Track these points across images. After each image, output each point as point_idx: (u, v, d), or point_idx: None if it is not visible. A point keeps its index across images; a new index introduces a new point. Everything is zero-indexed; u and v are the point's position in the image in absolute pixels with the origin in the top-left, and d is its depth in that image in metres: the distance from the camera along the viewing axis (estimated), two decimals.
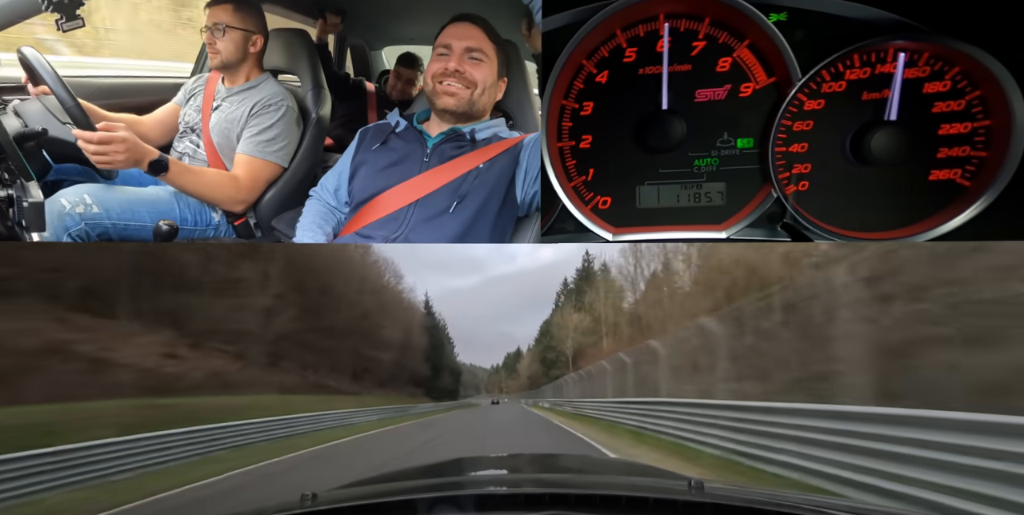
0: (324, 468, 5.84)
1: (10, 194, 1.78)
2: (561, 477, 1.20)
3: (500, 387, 63.04)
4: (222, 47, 2.15)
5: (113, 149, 1.79)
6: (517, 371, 46.44)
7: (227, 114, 2.23)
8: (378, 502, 0.80)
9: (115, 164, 1.82)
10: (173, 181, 2.02)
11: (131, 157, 1.83)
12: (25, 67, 1.92)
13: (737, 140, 1.58)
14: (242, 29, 2.16)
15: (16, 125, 1.89)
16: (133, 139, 1.83)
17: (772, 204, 1.59)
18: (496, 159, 1.78)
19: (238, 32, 2.15)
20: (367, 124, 2.04)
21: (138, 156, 1.85)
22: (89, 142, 1.76)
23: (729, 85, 1.55)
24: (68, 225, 1.90)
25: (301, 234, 1.94)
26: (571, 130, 1.62)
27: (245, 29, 2.16)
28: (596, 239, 1.65)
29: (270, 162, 2.23)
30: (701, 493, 0.80)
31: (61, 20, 1.70)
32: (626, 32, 1.54)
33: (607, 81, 1.58)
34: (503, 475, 1.27)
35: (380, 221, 1.80)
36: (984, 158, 1.48)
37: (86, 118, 1.82)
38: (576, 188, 1.66)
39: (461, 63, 1.78)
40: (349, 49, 3.64)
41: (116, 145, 1.79)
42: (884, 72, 1.47)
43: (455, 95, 1.80)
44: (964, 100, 1.46)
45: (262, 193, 2.29)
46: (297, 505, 0.79)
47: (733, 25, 1.51)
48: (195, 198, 2.15)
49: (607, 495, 0.79)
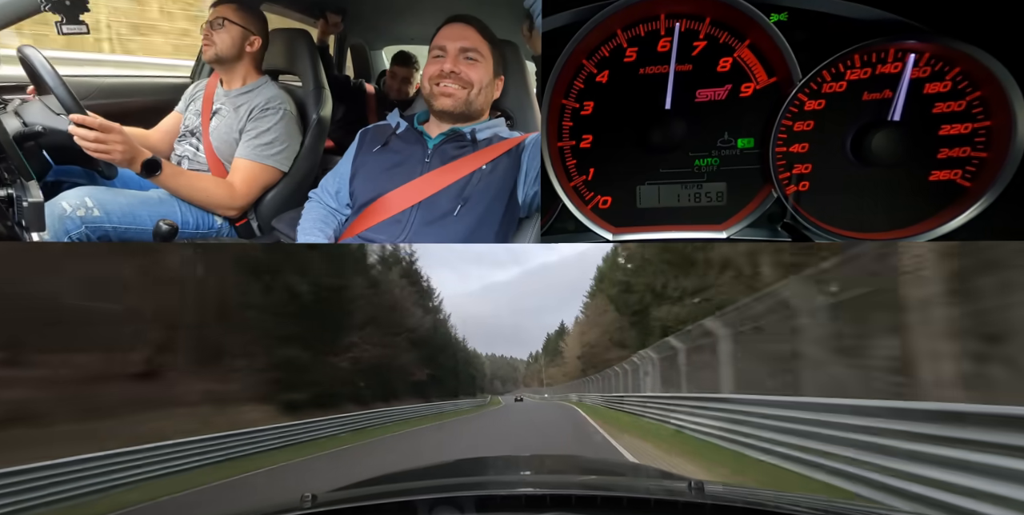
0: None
1: (10, 194, 1.78)
2: (562, 478, 1.20)
3: (541, 379, 56.85)
4: (218, 39, 2.14)
5: (112, 138, 1.79)
6: (562, 360, 41.75)
7: (226, 118, 2.23)
8: (378, 503, 0.80)
9: (113, 156, 1.81)
10: (166, 183, 2.01)
11: (127, 152, 1.83)
12: (25, 66, 1.92)
13: (738, 140, 1.58)
14: (241, 26, 2.15)
15: (16, 125, 1.88)
16: (128, 136, 1.83)
17: (772, 204, 1.59)
18: (498, 160, 1.78)
19: (236, 28, 2.15)
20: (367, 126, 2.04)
21: (133, 153, 1.86)
22: (89, 129, 1.76)
23: (730, 85, 1.55)
24: (68, 228, 1.90)
25: (303, 236, 1.93)
26: (571, 130, 1.62)
27: (244, 27, 2.16)
28: (596, 239, 1.65)
29: (268, 166, 2.22)
30: (702, 494, 0.80)
31: (61, 22, 1.68)
32: (627, 32, 1.54)
33: (608, 81, 1.58)
34: (504, 476, 1.27)
35: (383, 224, 1.79)
36: (984, 159, 1.48)
37: (79, 106, 1.82)
38: (576, 188, 1.66)
39: (456, 64, 1.78)
40: (349, 49, 3.64)
41: (115, 134, 1.79)
42: (885, 72, 1.47)
43: (452, 96, 1.80)
44: (965, 101, 1.46)
45: (262, 195, 2.28)
46: (297, 506, 0.79)
47: (734, 25, 1.50)
48: (189, 202, 2.14)
49: (608, 496, 0.79)
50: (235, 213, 2.24)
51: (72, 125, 1.76)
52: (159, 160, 1.93)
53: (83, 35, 1.74)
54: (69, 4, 1.67)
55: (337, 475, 5.41)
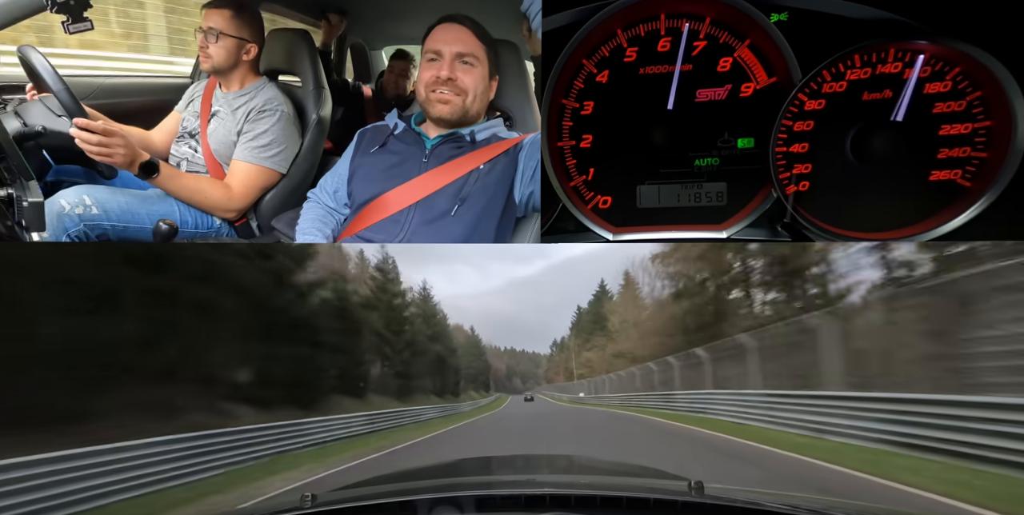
0: None
1: (10, 193, 1.78)
2: (561, 478, 1.20)
3: (566, 372, 51.18)
4: (214, 53, 2.15)
5: (115, 142, 1.80)
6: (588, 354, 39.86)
7: (224, 120, 2.23)
8: (378, 503, 0.80)
9: (115, 159, 1.83)
10: (163, 185, 2.02)
11: (128, 155, 1.85)
12: (25, 66, 1.91)
13: (738, 140, 1.58)
14: (236, 37, 2.15)
15: (16, 124, 1.89)
16: (129, 139, 1.85)
17: (772, 204, 1.59)
18: (496, 160, 1.78)
19: (231, 40, 2.15)
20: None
21: (134, 156, 1.87)
22: (93, 133, 1.76)
23: (730, 85, 1.54)
24: (67, 226, 1.90)
25: (301, 236, 1.93)
26: (571, 129, 1.62)
27: (239, 37, 2.16)
28: (596, 239, 1.65)
29: (266, 168, 2.22)
30: (701, 494, 0.80)
31: (68, 22, 1.69)
32: (627, 32, 1.54)
33: (608, 80, 1.58)
34: (503, 476, 1.27)
35: (381, 223, 1.79)
36: (985, 159, 1.47)
37: (81, 109, 1.82)
38: (576, 188, 1.66)
39: (453, 70, 1.75)
40: (349, 49, 3.65)
41: (117, 138, 1.80)
42: (886, 72, 1.47)
43: (449, 103, 1.78)
44: (965, 101, 1.46)
45: (261, 196, 2.28)
46: (297, 506, 0.79)
47: (734, 25, 1.50)
48: (185, 204, 2.15)
49: (608, 496, 0.79)
50: (233, 215, 2.24)
51: (74, 128, 1.77)
52: (157, 162, 1.94)
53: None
54: (73, 3, 1.67)
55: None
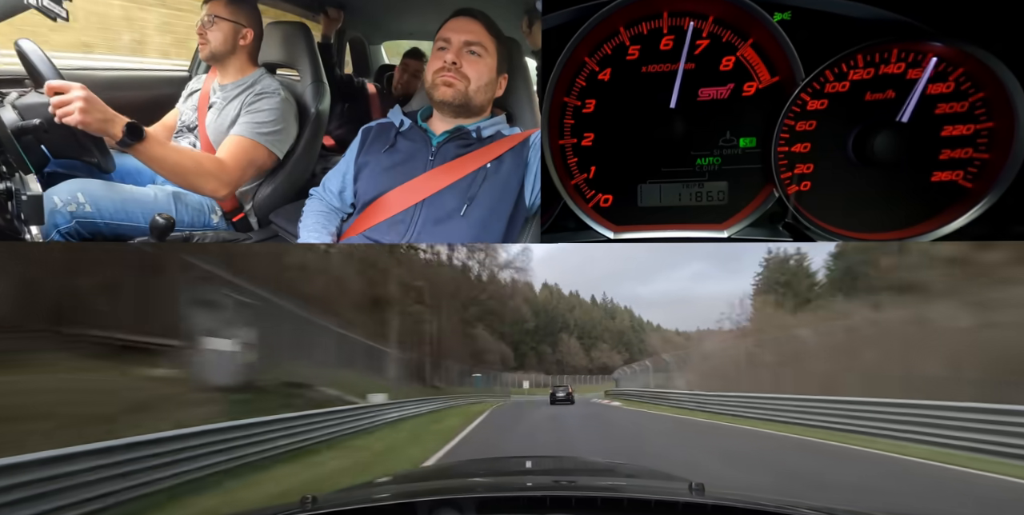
0: None
1: (8, 187, 1.77)
2: (562, 479, 1.20)
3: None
4: (211, 37, 2.14)
5: (71, 97, 1.69)
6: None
7: (222, 112, 2.20)
8: (378, 505, 0.80)
9: (83, 118, 1.71)
10: (151, 152, 1.88)
11: (96, 115, 1.72)
12: (22, 59, 1.90)
13: (739, 139, 1.57)
14: (231, 21, 2.14)
15: (14, 118, 1.87)
16: (93, 97, 1.73)
17: (774, 204, 1.58)
18: (503, 158, 1.77)
19: (227, 23, 2.14)
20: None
21: (106, 116, 1.74)
22: (63, 95, 1.69)
23: (732, 84, 1.54)
24: (58, 223, 1.86)
25: (305, 235, 1.91)
26: (573, 127, 1.61)
27: (235, 21, 2.15)
28: (597, 238, 1.65)
29: (260, 145, 2.15)
30: (702, 495, 0.80)
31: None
32: (629, 29, 1.53)
33: (610, 78, 1.57)
34: (504, 478, 1.27)
35: (387, 222, 1.77)
36: (987, 160, 1.47)
37: (56, 73, 1.78)
38: (577, 186, 1.65)
39: (459, 56, 1.76)
40: (348, 44, 3.62)
41: (73, 93, 1.69)
42: (888, 73, 1.47)
43: (452, 86, 1.77)
44: (967, 102, 1.46)
45: (258, 185, 2.25)
46: (297, 508, 0.79)
47: (737, 24, 1.50)
48: (174, 180, 2.02)
49: (609, 497, 0.79)
50: (225, 191, 2.13)
51: (46, 91, 1.71)
52: (141, 127, 1.82)
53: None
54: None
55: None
